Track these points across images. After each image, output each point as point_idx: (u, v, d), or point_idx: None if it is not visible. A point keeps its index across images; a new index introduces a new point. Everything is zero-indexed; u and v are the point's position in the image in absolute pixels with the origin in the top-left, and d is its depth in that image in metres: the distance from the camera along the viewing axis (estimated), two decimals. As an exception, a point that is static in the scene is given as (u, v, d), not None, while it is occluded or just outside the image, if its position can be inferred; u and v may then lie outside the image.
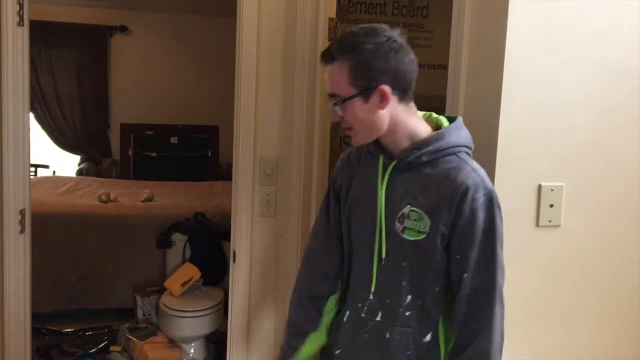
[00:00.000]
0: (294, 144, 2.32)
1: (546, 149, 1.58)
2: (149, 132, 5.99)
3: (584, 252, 1.62)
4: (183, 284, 3.34)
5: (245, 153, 2.32)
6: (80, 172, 6.05)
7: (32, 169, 6.21)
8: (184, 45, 6.19)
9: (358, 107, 1.35)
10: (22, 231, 2.24)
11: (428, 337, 1.41)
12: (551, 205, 1.59)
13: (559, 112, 1.57)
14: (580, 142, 1.59)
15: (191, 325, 3.24)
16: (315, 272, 1.57)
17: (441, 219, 1.34)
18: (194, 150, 5.95)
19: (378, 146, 1.44)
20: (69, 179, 5.34)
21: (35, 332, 3.61)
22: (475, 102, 1.66)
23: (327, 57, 1.36)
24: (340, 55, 1.34)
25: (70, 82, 6.21)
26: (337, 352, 1.53)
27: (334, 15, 2.29)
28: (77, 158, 6.34)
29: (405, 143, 1.40)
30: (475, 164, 1.39)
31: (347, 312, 1.52)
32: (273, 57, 2.30)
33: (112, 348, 3.48)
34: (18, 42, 2.15)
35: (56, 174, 6.22)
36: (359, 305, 1.47)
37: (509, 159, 1.55)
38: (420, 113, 1.47)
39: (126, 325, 3.49)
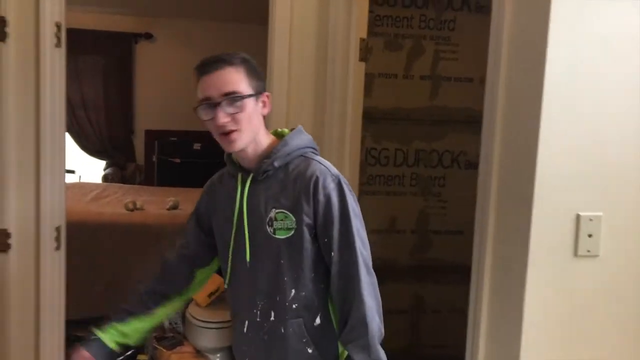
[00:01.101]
0: (324, 155, 2.33)
1: (585, 179, 1.57)
2: (172, 139, 6.04)
3: (621, 282, 1.61)
4: (210, 295, 3.36)
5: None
6: (105, 178, 6.13)
7: (58, 174, 6.30)
8: (208, 52, 6.20)
9: (252, 107, 1.50)
10: (57, 247, 2.28)
11: (318, 321, 1.56)
12: (590, 235, 1.58)
13: (597, 140, 1.56)
14: (620, 172, 1.58)
15: (217, 336, 3.26)
16: (163, 276, 1.74)
17: (303, 212, 1.50)
18: (217, 157, 5.97)
19: (234, 167, 1.59)
20: (96, 185, 5.41)
21: (65, 339, 3.69)
22: (513, 132, 1.65)
23: (219, 62, 1.48)
24: (234, 60, 1.49)
25: (96, 88, 6.29)
26: None
27: (365, 35, 2.29)
28: (102, 163, 6.42)
29: (257, 154, 1.55)
30: (319, 158, 1.58)
31: (246, 322, 1.62)
32: (305, 73, 2.32)
33: (140, 357, 3.51)
34: (56, 63, 2.19)
35: (82, 179, 6.31)
36: (254, 311, 1.59)
37: (547, 188, 1.55)
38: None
39: (154, 335, 3.52)
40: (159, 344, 3.41)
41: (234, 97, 1.47)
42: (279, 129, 1.65)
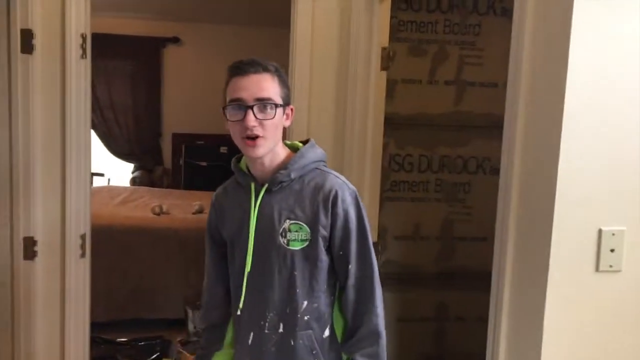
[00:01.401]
0: (345, 163, 2.34)
1: (607, 192, 1.54)
2: (199, 142, 6.10)
3: (646, 298, 1.58)
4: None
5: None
6: (133, 181, 6.23)
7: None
8: (235, 56, 6.23)
9: (279, 116, 1.51)
10: (82, 255, 2.33)
11: (327, 333, 1.58)
12: (612, 250, 1.55)
13: (621, 153, 1.53)
14: (644, 186, 1.54)
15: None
16: (209, 305, 1.74)
17: (320, 224, 1.51)
18: (243, 161, 6.03)
19: (245, 176, 1.58)
20: (124, 189, 5.50)
21: (91, 341, 3.76)
22: (533, 143, 1.63)
23: (257, 66, 1.48)
24: (270, 67, 1.50)
25: (125, 92, 6.39)
26: None
27: (386, 44, 2.28)
28: (131, 166, 6.52)
29: (273, 165, 1.54)
30: (334, 172, 1.59)
31: (251, 334, 1.60)
32: (326, 82, 2.33)
33: (164, 360, 3.57)
34: (81, 73, 2.24)
35: (110, 182, 6.42)
36: (261, 323, 1.57)
37: (568, 202, 1.52)
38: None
39: (178, 339, 3.56)
40: (183, 348, 3.45)
41: (266, 104, 1.47)
42: (290, 142, 1.65)
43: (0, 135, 2.17)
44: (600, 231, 1.55)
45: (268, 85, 1.48)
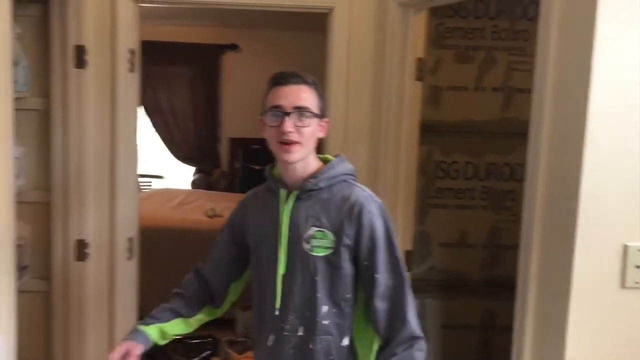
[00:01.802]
0: (380, 170, 2.38)
1: (633, 208, 1.52)
2: (255, 146, 6.24)
3: (674, 317, 1.54)
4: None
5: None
6: (193, 183, 6.44)
7: (149, 179, 6.68)
8: (291, 62, 6.36)
9: (315, 126, 1.59)
10: (129, 258, 2.46)
11: (346, 341, 1.61)
12: (638, 267, 1.53)
13: (647, 169, 1.50)
14: (672, 201, 1.51)
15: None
16: (195, 283, 1.87)
17: (344, 233, 1.56)
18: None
19: (276, 182, 1.64)
20: (181, 192, 5.69)
21: (146, 338, 3.93)
22: (557, 158, 1.62)
23: (296, 77, 1.57)
24: (309, 80, 1.59)
25: (185, 98, 6.61)
26: None
27: (422, 54, 2.30)
28: (190, 169, 6.74)
29: (304, 173, 1.61)
30: (361, 185, 1.65)
31: (271, 336, 1.64)
32: (362, 94, 2.37)
33: (213, 359, 3.68)
34: (129, 86, 2.36)
35: (170, 184, 6.66)
36: (281, 325, 1.62)
37: (592, 218, 1.51)
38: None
39: (226, 339, 3.68)
40: (230, 347, 3.56)
41: (304, 112, 1.55)
42: (322, 155, 1.71)
43: (55, 144, 2.32)
44: (625, 247, 1.53)
45: (306, 96, 1.57)
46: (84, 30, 2.25)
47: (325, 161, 1.68)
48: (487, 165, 3.54)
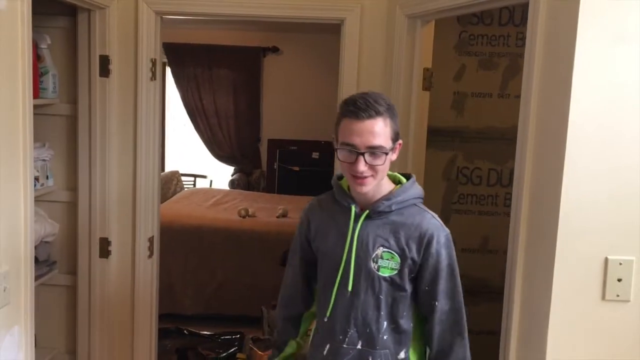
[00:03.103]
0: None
1: (613, 220, 1.53)
2: (292, 147, 6.35)
3: (654, 330, 1.55)
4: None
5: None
6: (232, 183, 6.60)
7: (192, 178, 6.89)
8: (330, 65, 6.45)
9: (388, 158, 1.58)
10: (150, 256, 2.60)
11: (402, 355, 1.68)
12: (619, 280, 1.54)
13: (628, 183, 1.51)
14: (654, 215, 1.52)
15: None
16: (285, 298, 1.87)
17: (410, 257, 1.61)
18: (333, 166, 6.21)
19: (347, 198, 1.66)
20: (218, 191, 5.85)
21: (178, 332, 4.09)
22: (538, 170, 1.65)
23: (371, 110, 1.52)
24: (382, 108, 1.54)
25: (227, 99, 6.78)
26: None
27: (429, 64, 2.34)
28: (230, 169, 6.92)
29: (376, 196, 1.63)
30: (431, 212, 1.69)
31: (327, 346, 1.70)
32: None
33: (238, 355, 3.81)
34: (150, 93, 2.49)
35: (213, 184, 6.85)
36: (340, 337, 1.67)
37: (572, 231, 1.53)
38: None
39: (250, 336, 3.79)
40: (254, 344, 3.67)
41: (377, 151, 1.54)
42: (391, 172, 1.71)
43: (82, 148, 2.47)
44: (606, 260, 1.54)
45: (380, 132, 1.53)
46: (108, 41, 2.39)
47: (394, 180, 1.71)
48: (511, 172, 3.53)
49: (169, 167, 6.80)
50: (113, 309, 2.58)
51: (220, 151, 6.86)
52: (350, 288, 1.64)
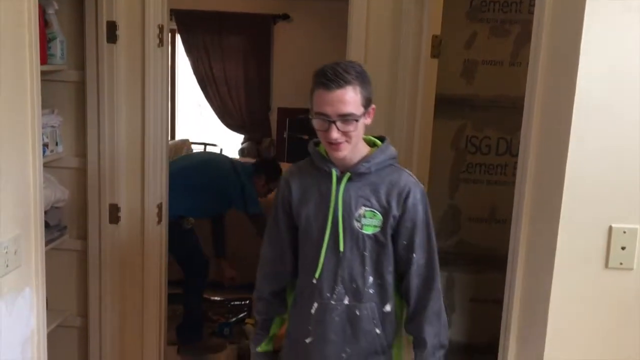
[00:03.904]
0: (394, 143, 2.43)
1: (619, 189, 1.52)
2: (301, 116, 6.33)
3: (658, 298, 1.55)
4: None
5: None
6: (242, 151, 6.62)
7: (202, 147, 6.91)
8: (341, 32, 6.39)
9: (362, 123, 1.67)
10: (159, 222, 2.63)
11: (388, 308, 1.80)
12: (623, 248, 1.54)
13: (633, 151, 1.50)
14: (660, 184, 1.51)
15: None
16: (271, 273, 1.90)
17: (391, 214, 1.71)
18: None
19: (327, 163, 1.73)
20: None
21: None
22: (544, 138, 1.64)
23: (340, 80, 1.60)
24: (352, 77, 1.62)
25: (237, 67, 6.75)
26: (308, 340, 1.81)
27: (438, 32, 2.32)
28: (240, 137, 6.92)
29: (353, 159, 1.72)
30: (406, 170, 1.80)
31: (315, 304, 1.78)
32: (379, 71, 2.41)
33: (247, 320, 3.87)
34: (158, 60, 2.49)
35: (222, 152, 6.85)
36: (328, 294, 1.77)
37: (577, 198, 1.53)
38: None
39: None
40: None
41: (349, 118, 1.63)
42: (365, 136, 1.78)
43: (90, 114, 2.49)
44: (610, 228, 1.54)
45: (349, 100, 1.62)
46: (115, 7, 2.38)
47: (369, 143, 1.79)
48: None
49: (179, 136, 6.82)
50: (123, 274, 2.62)
51: (230, 120, 6.87)
52: (338, 248, 1.73)
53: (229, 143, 6.95)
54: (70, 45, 2.46)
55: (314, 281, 1.77)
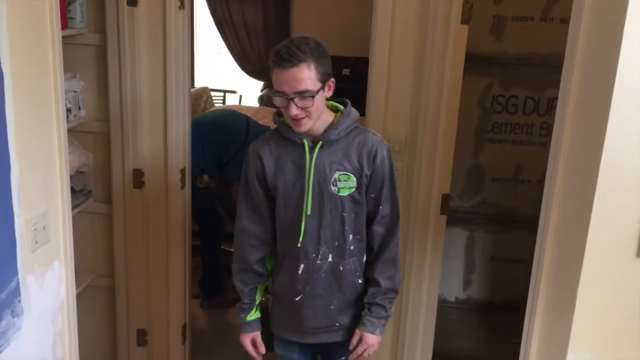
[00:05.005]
0: (419, 126, 2.39)
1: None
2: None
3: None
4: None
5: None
6: (261, 99, 6.55)
7: (221, 94, 6.86)
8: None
9: (320, 97, 1.73)
10: (182, 187, 2.63)
11: (364, 258, 1.95)
12: (656, 238, 1.51)
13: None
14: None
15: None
16: (256, 245, 1.94)
17: (363, 174, 1.83)
18: (364, 84, 6.09)
19: (297, 134, 1.80)
20: (248, 109, 5.81)
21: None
22: (580, 128, 1.59)
23: (293, 59, 1.65)
24: (306, 55, 1.66)
25: (256, 11, 6.57)
26: (298, 298, 1.92)
27: (470, -4, 2.22)
28: (260, 84, 6.84)
29: (320, 128, 1.81)
30: (371, 130, 1.94)
31: (302, 266, 1.89)
32: (407, 36, 2.33)
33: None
34: (179, 23, 2.43)
35: (242, 99, 6.80)
36: (313, 255, 1.88)
37: (609, 188, 1.49)
38: None
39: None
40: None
41: (305, 94, 1.69)
42: (329, 102, 1.87)
43: (112, 79, 2.45)
44: (644, 217, 1.51)
45: (304, 77, 1.67)
46: (134, -31, 2.31)
47: (332, 108, 1.88)
48: (548, 101, 3.43)
49: (198, 84, 6.75)
50: (148, 237, 2.65)
51: (249, 65, 6.76)
52: (317, 212, 1.83)
53: (249, 90, 6.88)
54: (90, 7, 2.41)
55: (299, 245, 1.86)
